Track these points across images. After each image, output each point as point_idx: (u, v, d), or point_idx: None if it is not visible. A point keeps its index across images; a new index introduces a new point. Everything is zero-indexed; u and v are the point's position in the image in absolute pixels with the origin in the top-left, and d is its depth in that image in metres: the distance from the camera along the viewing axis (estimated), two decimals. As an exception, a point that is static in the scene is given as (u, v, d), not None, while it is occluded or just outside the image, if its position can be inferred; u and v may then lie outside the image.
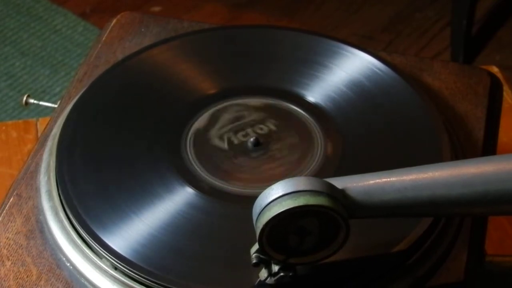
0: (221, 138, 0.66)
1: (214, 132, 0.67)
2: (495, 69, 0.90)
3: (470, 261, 0.61)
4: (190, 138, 0.67)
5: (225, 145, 0.66)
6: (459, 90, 0.73)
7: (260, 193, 0.53)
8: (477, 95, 0.73)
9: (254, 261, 0.54)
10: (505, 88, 0.84)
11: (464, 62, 1.82)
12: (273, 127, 0.67)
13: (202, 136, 0.67)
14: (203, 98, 0.70)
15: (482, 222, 0.65)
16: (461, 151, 0.67)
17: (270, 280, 0.55)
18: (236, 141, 0.66)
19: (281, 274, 0.54)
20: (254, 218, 0.53)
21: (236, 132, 0.67)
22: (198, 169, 0.64)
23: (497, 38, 1.93)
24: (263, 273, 0.55)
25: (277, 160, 0.65)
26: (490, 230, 0.68)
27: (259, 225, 0.52)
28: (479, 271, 0.63)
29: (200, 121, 0.68)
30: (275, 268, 0.54)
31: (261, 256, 0.54)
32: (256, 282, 0.55)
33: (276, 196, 0.52)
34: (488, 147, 0.70)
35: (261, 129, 0.67)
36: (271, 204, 0.52)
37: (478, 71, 0.75)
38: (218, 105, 0.69)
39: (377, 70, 0.71)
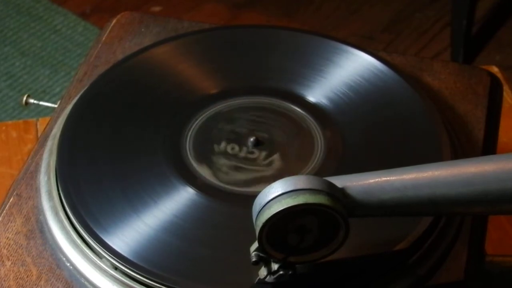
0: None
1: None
2: (495, 69, 0.90)
3: (470, 261, 0.61)
4: (190, 138, 0.67)
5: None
6: (459, 90, 0.73)
7: (260, 192, 0.53)
8: (477, 95, 0.73)
9: (254, 259, 0.54)
10: (505, 88, 0.84)
11: (464, 62, 1.82)
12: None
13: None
14: (203, 98, 0.70)
15: (482, 222, 0.65)
16: (461, 151, 0.67)
17: (270, 279, 0.55)
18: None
19: (281, 272, 0.54)
20: (254, 216, 0.53)
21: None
22: (198, 169, 0.64)
23: (497, 38, 1.93)
24: (263, 272, 0.55)
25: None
26: (490, 230, 0.68)
27: (259, 223, 0.52)
28: (479, 271, 0.63)
29: (200, 121, 0.68)
30: (275, 266, 0.54)
31: (260, 254, 0.54)
32: (256, 281, 0.55)
33: (275, 195, 0.52)
34: (488, 147, 0.70)
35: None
36: (271, 202, 0.52)
37: (478, 71, 0.75)
38: (218, 105, 0.69)
39: (377, 70, 0.71)
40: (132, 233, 0.59)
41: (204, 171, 0.64)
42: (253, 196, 0.53)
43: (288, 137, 0.67)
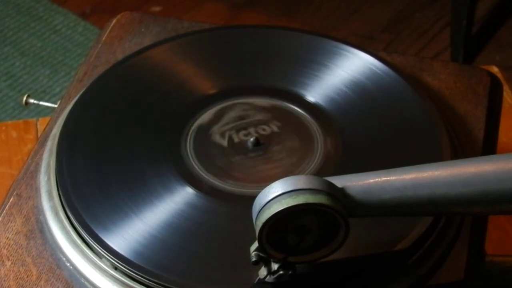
0: (221, 138, 0.66)
1: (214, 132, 0.67)
2: (495, 69, 0.90)
3: (470, 261, 0.61)
4: (190, 138, 0.67)
5: (225, 145, 0.66)
6: (459, 90, 0.73)
7: (260, 192, 0.53)
8: (477, 95, 0.73)
9: (254, 259, 0.54)
10: (505, 88, 0.84)
11: (464, 62, 1.82)
12: (273, 127, 0.67)
13: (202, 135, 0.67)
14: (203, 98, 0.70)
15: (482, 222, 0.65)
16: (461, 151, 0.67)
17: (270, 278, 0.55)
18: (236, 141, 0.66)
19: (281, 272, 0.54)
20: (254, 216, 0.53)
21: (236, 132, 0.67)
22: (198, 169, 0.64)
23: (497, 38, 1.93)
24: (263, 271, 0.55)
25: (277, 159, 0.65)
26: (490, 230, 0.68)
27: (259, 223, 0.52)
28: (479, 271, 0.63)
29: (200, 121, 0.68)
30: (275, 266, 0.54)
31: (260, 254, 0.54)
32: (256, 280, 0.55)
33: (275, 195, 0.52)
34: (488, 147, 0.70)
35: (261, 129, 0.67)
36: (271, 202, 0.52)
37: (478, 71, 0.75)
38: (218, 105, 0.69)
39: (377, 70, 0.71)
40: (132, 233, 0.59)
41: (204, 171, 0.64)
42: (253, 196, 0.53)
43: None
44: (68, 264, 0.60)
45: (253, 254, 0.54)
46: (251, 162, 0.65)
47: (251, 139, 0.66)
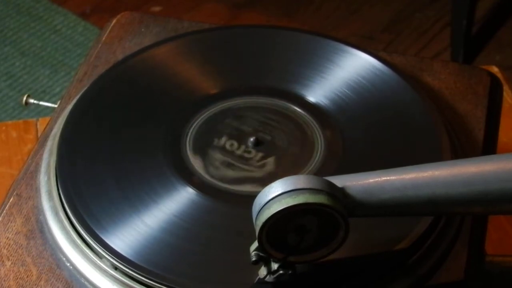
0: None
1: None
2: (495, 69, 0.90)
3: (470, 261, 0.61)
4: (190, 138, 0.67)
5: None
6: (459, 90, 0.73)
7: (260, 192, 0.53)
8: (477, 95, 0.73)
9: (254, 259, 0.54)
10: (505, 88, 0.84)
11: (464, 62, 1.82)
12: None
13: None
14: (203, 98, 0.70)
15: (482, 222, 0.65)
16: (461, 151, 0.67)
17: (270, 278, 0.55)
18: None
19: (281, 272, 0.54)
20: (254, 216, 0.53)
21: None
22: (198, 169, 0.64)
23: (497, 38, 1.93)
24: (263, 271, 0.55)
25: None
26: (490, 230, 0.68)
27: (259, 223, 0.52)
28: (479, 271, 0.63)
29: (200, 121, 0.68)
30: (275, 266, 0.54)
31: (260, 254, 0.54)
32: (256, 280, 0.56)
33: (275, 194, 0.52)
34: (488, 147, 0.70)
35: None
36: (271, 202, 0.52)
37: (478, 71, 0.75)
38: (218, 105, 0.69)
39: (377, 70, 0.71)
40: (132, 233, 0.59)
41: (204, 171, 0.64)
42: (253, 196, 0.53)
43: (288, 137, 0.67)
44: (68, 264, 0.60)
45: (253, 253, 0.54)
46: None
47: (251, 139, 0.66)
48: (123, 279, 0.58)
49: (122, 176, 0.63)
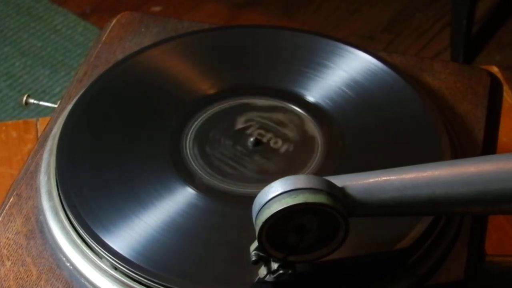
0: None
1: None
2: (495, 69, 0.90)
3: (470, 261, 0.61)
4: (190, 138, 0.67)
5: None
6: (459, 90, 0.73)
7: (260, 192, 0.53)
8: (477, 95, 0.73)
9: (254, 258, 0.54)
10: (505, 88, 0.84)
11: (464, 62, 1.82)
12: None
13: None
14: (203, 98, 0.70)
15: (482, 222, 0.65)
16: (461, 151, 0.67)
17: (270, 278, 0.55)
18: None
19: (281, 271, 0.54)
20: (254, 216, 0.53)
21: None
22: (198, 169, 0.64)
23: (497, 38, 1.93)
24: (263, 271, 0.55)
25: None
26: (490, 230, 0.68)
27: (258, 222, 0.52)
28: (479, 271, 0.63)
29: (200, 121, 0.68)
30: (275, 265, 0.54)
31: (260, 253, 0.54)
32: (256, 280, 0.56)
33: (275, 194, 0.52)
34: (488, 147, 0.70)
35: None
36: (270, 201, 0.52)
37: (478, 71, 0.75)
38: (218, 105, 0.69)
39: (377, 70, 0.71)
40: (132, 233, 0.59)
41: (204, 171, 0.64)
42: (253, 195, 0.53)
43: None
44: (68, 264, 0.60)
45: (253, 253, 0.54)
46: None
47: (251, 139, 0.66)
48: (123, 279, 0.58)
49: (122, 176, 0.63)
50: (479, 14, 1.94)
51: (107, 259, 0.58)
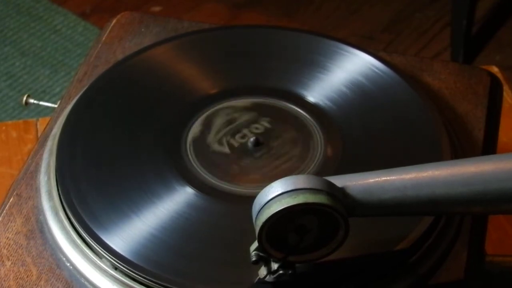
0: (221, 138, 0.66)
1: (214, 132, 0.67)
2: (495, 69, 0.90)
3: (470, 261, 0.61)
4: (190, 138, 0.67)
5: (225, 145, 0.66)
6: (459, 90, 0.73)
7: (260, 192, 0.53)
8: (477, 95, 0.73)
9: (254, 258, 0.54)
10: (505, 88, 0.84)
11: (464, 62, 1.82)
12: (273, 127, 0.67)
13: (202, 136, 0.67)
14: (203, 98, 0.70)
15: (482, 222, 0.65)
16: (461, 151, 0.67)
17: (270, 278, 0.55)
18: (236, 141, 0.66)
19: (281, 272, 0.54)
20: (254, 216, 0.53)
21: (236, 132, 0.67)
22: (198, 169, 0.64)
23: (497, 38, 1.93)
24: (263, 271, 0.55)
25: (277, 160, 0.65)
26: (490, 230, 0.68)
27: (259, 223, 0.52)
28: (479, 271, 0.63)
29: (200, 121, 0.68)
30: (275, 266, 0.54)
31: (260, 254, 0.54)
32: (256, 280, 0.56)
33: (275, 194, 0.52)
34: (488, 147, 0.70)
35: (261, 129, 0.67)
36: (271, 202, 0.52)
37: (478, 71, 0.75)
38: (218, 105, 0.69)
39: (377, 70, 0.71)
40: (132, 233, 0.59)
41: (204, 171, 0.64)
42: (253, 196, 0.53)
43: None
44: (68, 264, 0.60)
45: (253, 253, 0.54)
46: (251, 162, 0.65)
47: (251, 139, 0.66)
48: (123, 279, 0.58)
49: (122, 176, 0.63)
50: (479, 14, 1.94)
51: (107, 259, 0.58)
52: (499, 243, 0.79)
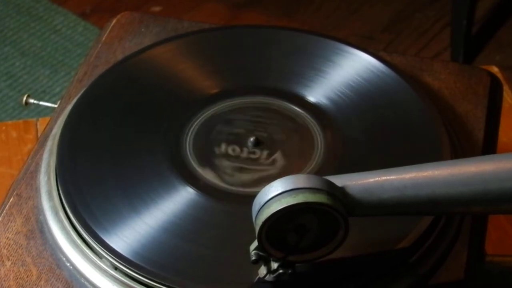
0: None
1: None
2: (495, 69, 0.90)
3: (470, 261, 0.61)
4: (190, 138, 0.67)
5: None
6: (459, 90, 0.73)
7: (259, 191, 0.53)
8: (477, 95, 0.73)
9: (253, 258, 0.54)
10: (505, 88, 0.84)
11: (464, 62, 1.82)
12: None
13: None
14: (203, 98, 0.70)
15: (482, 222, 0.65)
16: (461, 151, 0.67)
17: (269, 277, 0.55)
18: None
19: (280, 271, 0.54)
20: (253, 215, 0.53)
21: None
22: (198, 169, 0.64)
23: (497, 38, 1.93)
24: (262, 270, 0.55)
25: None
26: (490, 230, 0.68)
27: (258, 222, 0.52)
28: (479, 271, 0.63)
29: (200, 121, 0.68)
30: (274, 265, 0.54)
31: (260, 253, 0.54)
32: (256, 280, 0.56)
33: (275, 193, 0.52)
34: (488, 147, 0.70)
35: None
36: (270, 201, 0.52)
37: (478, 71, 0.75)
38: (218, 105, 0.69)
39: (377, 70, 0.71)
40: (132, 233, 0.59)
41: (203, 171, 0.64)
42: (253, 195, 0.53)
43: (288, 137, 0.67)
44: (68, 264, 0.60)
45: (252, 253, 0.54)
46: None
47: (251, 139, 0.66)
48: (123, 279, 0.58)
49: (122, 176, 0.63)
50: (479, 14, 1.94)
51: (107, 259, 0.58)
52: (499, 243, 0.79)
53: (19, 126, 0.92)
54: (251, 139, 0.66)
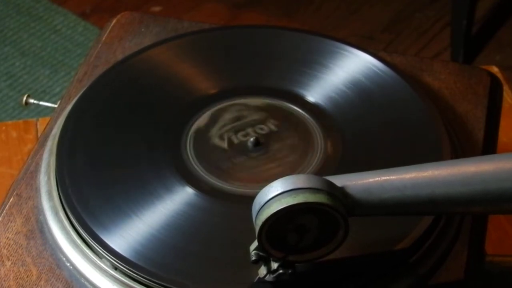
0: (221, 138, 0.66)
1: (214, 132, 0.67)
2: (495, 69, 0.90)
3: (470, 261, 0.61)
4: (190, 138, 0.67)
5: (225, 145, 0.66)
6: (459, 90, 0.73)
7: (259, 191, 0.53)
8: (477, 95, 0.73)
9: (253, 258, 0.54)
10: (505, 88, 0.84)
11: (464, 62, 1.82)
12: (273, 127, 0.67)
13: (202, 136, 0.67)
14: (203, 98, 0.70)
15: (482, 222, 0.65)
16: (461, 151, 0.67)
17: (269, 277, 0.55)
18: (236, 141, 0.66)
19: (280, 271, 0.54)
20: (254, 215, 0.53)
21: (236, 132, 0.67)
22: (198, 169, 0.64)
23: (497, 38, 1.93)
24: (262, 270, 0.55)
25: (277, 160, 0.65)
26: (490, 230, 0.68)
27: (258, 222, 0.52)
28: (479, 271, 0.63)
29: (200, 121, 0.68)
30: (274, 265, 0.54)
31: (260, 253, 0.54)
32: (256, 280, 0.56)
33: (275, 194, 0.52)
34: (488, 147, 0.70)
35: (261, 129, 0.67)
36: (271, 201, 0.52)
37: (478, 71, 0.75)
38: (218, 105, 0.69)
39: (377, 70, 0.71)
40: (132, 233, 0.59)
41: (204, 171, 0.64)
42: (253, 195, 0.53)
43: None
44: (68, 264, 0.60)
45: (252, 253, 0.54)
46: (251, 162, 0.65)
47: (251, 139, 0.66)
48: (123, 279, 0.58)
49: (122, 176, 0.63)
50: (479, 14, 1.94)
51: (107, 259, 0.58)
52: (499, 243, 0.79)
53: (19, 126, 0.92)
54: (251, 139, 0.66)
